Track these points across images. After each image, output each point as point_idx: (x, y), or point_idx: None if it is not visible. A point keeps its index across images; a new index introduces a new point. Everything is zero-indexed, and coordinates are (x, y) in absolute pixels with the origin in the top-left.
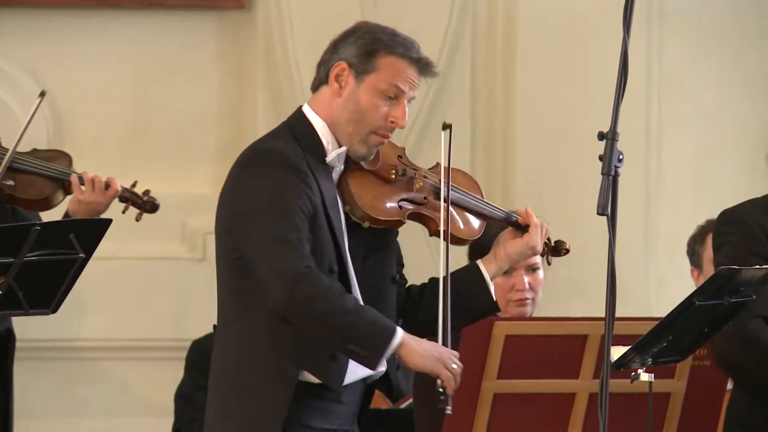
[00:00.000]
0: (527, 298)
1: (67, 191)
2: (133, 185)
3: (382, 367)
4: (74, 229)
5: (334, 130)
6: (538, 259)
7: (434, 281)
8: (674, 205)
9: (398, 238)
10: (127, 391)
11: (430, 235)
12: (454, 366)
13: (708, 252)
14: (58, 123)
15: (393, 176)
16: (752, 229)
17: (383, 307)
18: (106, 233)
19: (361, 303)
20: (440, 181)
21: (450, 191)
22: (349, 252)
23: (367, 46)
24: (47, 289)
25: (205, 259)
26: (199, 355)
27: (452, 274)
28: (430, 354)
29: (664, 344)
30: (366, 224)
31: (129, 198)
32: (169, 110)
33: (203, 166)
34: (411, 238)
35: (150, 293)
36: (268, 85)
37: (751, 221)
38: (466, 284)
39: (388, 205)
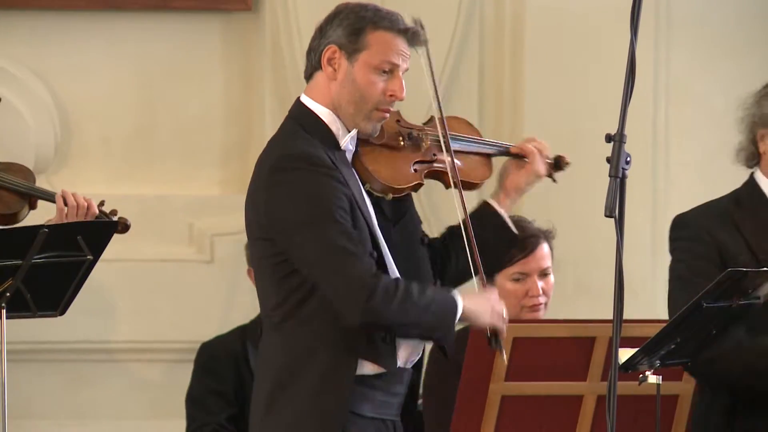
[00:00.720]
0: (540, 303)
1: (32, 206)
2: (101, 203)
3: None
4: (82, 231)
5: (338, 114)
6: (548, 263)
7: (452, 230)
8: (681, 208)
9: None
10: (134, 393)
11: (446, 188)
12: (503, 310)
13: None
14: (65, 124)
15: (402, 143)
16: (698, 234)
17: (420, 273)
18: (113, 235)
19: (417, 286)
20: (441, 134)
21: (451, 140)
22: (379, 228)
23: (354, 24)
24: (55, 292)
25: (213, 261)
26: (208, 358)
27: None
28: (485, 310)
29: (672, 346)
30: (389, 196)
31: (98, 216)
32: (176, 112)
33: (210, 168)
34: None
35: (157, 295)
36: (275, 86)
37: (697, 225)
38: (483, 224)
39: (405, 171)
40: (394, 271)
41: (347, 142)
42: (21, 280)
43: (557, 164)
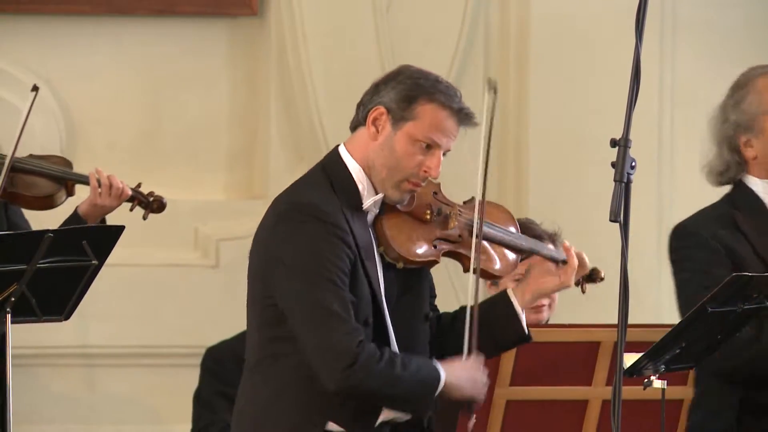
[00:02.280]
0: (544, 305)
1: (70, 193)
2: (138, 186)
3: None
4: (87, 236)
5: (369, 174)
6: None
7: (464, 310)
8: (687, 212)
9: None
10: (138, 398)
11: (465, 271)
12: (485, 381)
13: None
14: (70, 129)
15: (428, 216)
16: (707, 241)
17: (416, 345)
18: (119, 240)
19: (402, 358)
20: (473, 217)
21: (484, 228)
22: (384, 291)
23: (408, 91)
24: (60, 296)
25: (218, 266)
26: (214, 362)
27: (482, 303)
28: (466, 382)
29: (677, 351)
30: (400, 264)
31: (135, 197)
32: (181, 117)
33: (215, 173)
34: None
35: (162, 300)
36: (281, 91)
37: (705, 233)
38: (496, 314)
39: (423, 245)
40: (392, 338)
41: (371, 204)
42: (26, 284)
43: (591, 277)
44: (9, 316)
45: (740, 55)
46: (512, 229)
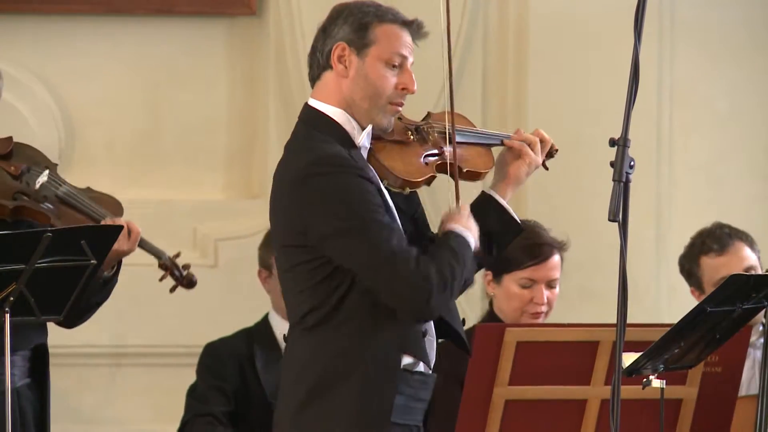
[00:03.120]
0: (542, 312)
1: None
2: (177, 255)
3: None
4: (86, 235)
5: (351, 112)
6: (558, 274)
7: None
8: (686, 212)
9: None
10: (139, 397)
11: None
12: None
13: (708, 276)
14: (69, 129)
15: (411, 137)
16: None
17: None
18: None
19: (449, 251)
20: (445, 126)
21: (456, 133)
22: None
23: (359, 20)
24: (58, 296)
25: (217, 266)
26: (212, 357)
27: (471, 207)
28: (477, 232)
29: (676, 350)
30: (407, 190)
31: (169, 267)
32: (180, 116)
33: (214, 173)
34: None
35: (161, 299)
36: (279, 91)
37: None
38: (487, 214)
39: (418, 165)
40: None
41: (363, 139)
42: (25, 284)
43: (549, 153)
44: (8, 315)
45: (738, 54)
46: (476, 129)
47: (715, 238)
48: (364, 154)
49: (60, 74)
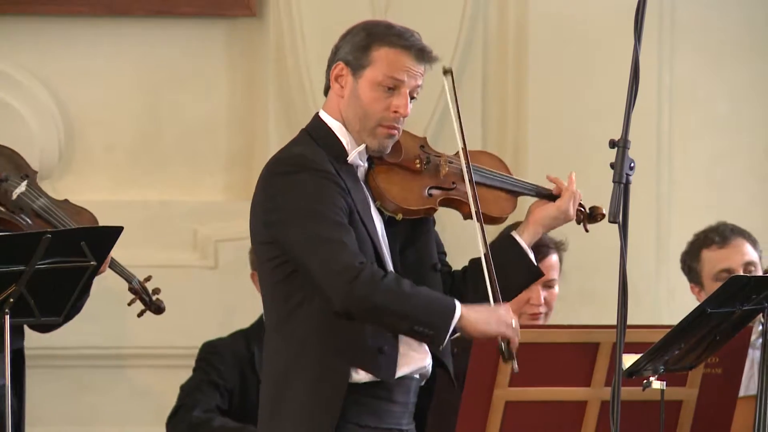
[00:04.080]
0: (540, 313)
1: None
2: (147, 279)
3: (429, 361)
4: (85, 237)
5: (348, 130)
6: (555, 274)
7: (474, 261)
8: (686, 213)
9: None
10: (139, 399)
11: (464, 218)
12: (513, 321)
13: (707, 269)
14: (69, 130)
15: (418, 165)
16: None
17: None
18: (117, 241)
19: (410, 282)
20: (463, 163)
21: (474, 172)
22: (386, 248)
23: (361, 41)
24: (58, 297)
25: (217, 267)
26: (211, 354)
27: (490, 248)
28: (489, 318)
29: (676, 352)
30: (399, 216)
31: (139, 292)
32: (180, 118)
33: (214, 174)
34: (447, 225)
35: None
36: (279, 92)
37: None
38: (505, 256)
39: (418, 194)
40: None
41: (355, 156)
42: (25, 285)
43: (592, 215)
44: (8, 317)
45: (738, 55)
46: (503, 173)
47: (717, 232)
48: (361, 173)
49: (60, 76)
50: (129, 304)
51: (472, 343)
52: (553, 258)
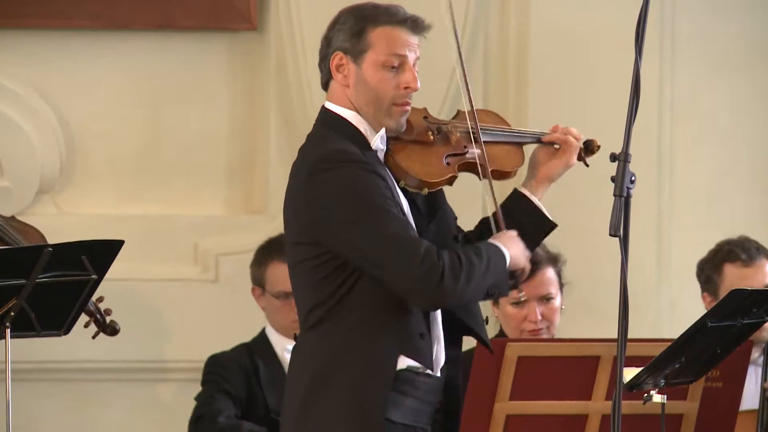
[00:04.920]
0: (540, 329)
1: None
2: (99, 300)
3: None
4: (86, 250)
5: (363, 117)
6: (551, 288)
7: (486, 220)
8: (687, 226)
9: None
10: (139, 412)
11: (481, 179)
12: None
13: (728, 284)
14: (70, 144)
15: (431, 137)
16: None
17: None
18: (118, 255)
19: (473, 251)
20: (470, 125)
21: (481, 131)
22: (415, 229)
23: (354, 26)
24: (59, 311)
25: (218, 281)
26: (219, 366)
27: (501, 206)
28: (521, 253)
29: (677, 366)
30: (425, 191)
31: (93, 313)
32: (181, 131)
33: (215, 188)
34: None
35: (162, 315)
36: (280, 106)
37: None
38: (519, 211)
39: (438, 165)
40: None
41: (377, 141)
42: (25, 299)
43: (588, 147)
44: (8, 330)
45: (739, 68)
46: (504, 127)
47: (743, 249)
48: (381, 156)
49: (61, 89)
50: (85, 326)
51: (471, 357)
52: (549, 272)
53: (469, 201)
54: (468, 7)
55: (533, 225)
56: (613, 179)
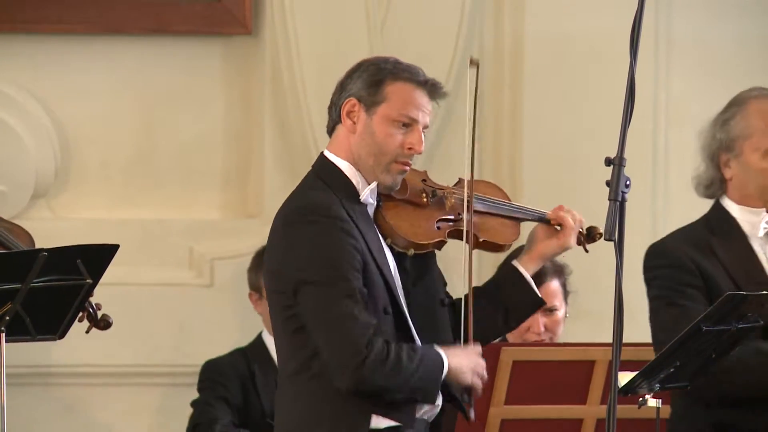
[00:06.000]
0: (542, 340)
1: None
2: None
3: (440, 401)
4: (81, 254)
5: (358, 168)
6: (555, 300)
7: (476, 291)
8: None
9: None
10: (134, 417)
11: (464, 248)
12: (484, 368)
13: None
14: (64, 148)
15: (425, 199)
16: (681, 261)
17: (438, 330)
18: (113, 259)
19: (407, 351)
20: (466, 193)
21: (478, 201)
22: (400, 288)
23: (373, 76)
24: (54, 315)
25: (212, 285)
26: (215, 372)
27: (491, 280)
28: (468, 369)
29: (672, 370)
30: (411, 252)
31: (84, 308)
32: (176, 136)
33: (210, 192)
34: (447, 255)
35: (157, 319)
36: (275, 110)
37: (679, 252)
38: (508, 285)
39: (427, 228)
40: (411, 325)
41: (367, 195)
42: (20, 303)
43: (590, 235)
44: (3, 335)
45: (734, 72)
46: (503, 201)
47: None
48: (370, 210)
49: (56, 93)
50: (79, 321)
51: None
52: (554, 284)
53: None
54: (462, 14)
55: (521, 299)
56: (608, 183)
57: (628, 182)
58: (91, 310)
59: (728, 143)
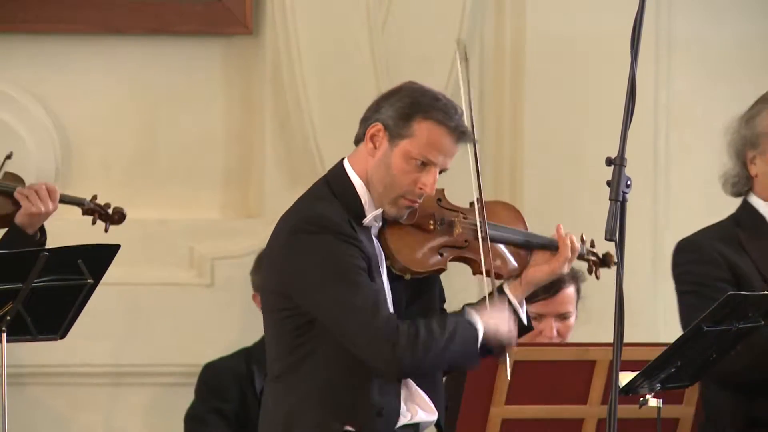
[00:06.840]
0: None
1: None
2: (94, 198)
3: (434, 416)
4: (83, 254)
5: (369, 189)
6: (570, 307)
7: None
8: (682, 231)
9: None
10: (134, 416)
11: (474, 274)
12: (513, 328)
13: None
14: (65, 148)
15: (431, 226)
16: (711, 256)
17: None
18: (114, 259)
19: (437, 322)
20: (477, 221)
21: (488, 229)
22: (393, 303)
23: (405, 109)
24: (55, 315)
25: (213, 285)
26: (213, 377)
27: (478, 303)
28: (503, 327)
29: (673, 370)
30: (408, 276)
31: (95, 210)
32: (177, 136)
33: (210, 192)
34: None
35: (157, 319)
36: (276, 110)
37: (708, 248)
38: None
39: (429, 255)
40: None
41: (371, 219)
42: (21, 303)
43: (605, 261)
44: (4, 335)
45: (735, 73)
46: (518, 227)
47: None
48: (374, 231)
49: (56, 94)
50: (93, 224)
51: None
52: (569, 291)
53: (466, 283)
54: (463, 14)
55: None
56: (608, 184)
57: (629, 182)
58: (100, 210)
59: (753, 140)
